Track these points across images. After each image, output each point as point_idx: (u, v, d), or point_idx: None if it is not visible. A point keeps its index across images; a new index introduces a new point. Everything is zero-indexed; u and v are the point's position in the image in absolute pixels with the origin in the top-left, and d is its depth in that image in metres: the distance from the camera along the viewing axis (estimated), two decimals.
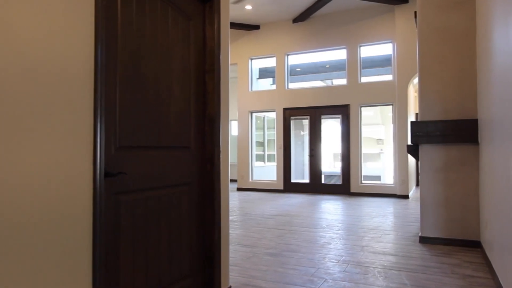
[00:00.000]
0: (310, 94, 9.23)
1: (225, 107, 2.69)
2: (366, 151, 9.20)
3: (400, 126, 8.20)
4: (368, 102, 8.67)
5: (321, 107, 9.09)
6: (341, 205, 7.30)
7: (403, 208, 6.80)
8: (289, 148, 9.42)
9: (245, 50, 9.97)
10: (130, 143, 1.95)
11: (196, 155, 2.50)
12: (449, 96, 4.18)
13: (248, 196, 8.65)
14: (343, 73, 9.20)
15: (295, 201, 7.86)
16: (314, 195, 8.79)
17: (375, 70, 9.32)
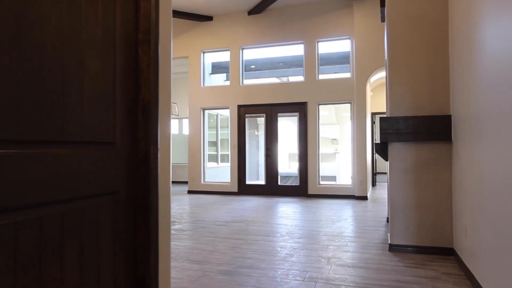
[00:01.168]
0: (266, 90, 8.74)
1: (165, 92, 2.06)
2: (322, 151, 8.88)
3: (358, 124, 7.94)
4: (326, 100, 8.33)
5: (278, 105, 8.63)
6: (300, 208, 6.86)
7: (363, 211, 6.48)
8: (244, 147, 8.86)
9: (197, 43, 9.27)
10: (9, 135, 1.26)
11: (123, 155, 1.84)
12: (421, 90, 3.82)
13: (200, 200, 7.97)
14: (300, 69, 8.81)
15: (250, 204, 7.31)
16: (271, 197, 8.31)
17: (333, 68, 9.03)
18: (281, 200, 7.82)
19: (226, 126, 9.76)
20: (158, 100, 1.99)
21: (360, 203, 7.39)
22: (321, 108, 8.54)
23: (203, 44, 9.25)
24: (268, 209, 6.77)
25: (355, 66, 7.96)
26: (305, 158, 8.37)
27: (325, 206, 6.96)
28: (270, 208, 6.84)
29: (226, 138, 9.81)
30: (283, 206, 7.13)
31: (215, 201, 7.73)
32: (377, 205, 7.17)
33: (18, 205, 1.31)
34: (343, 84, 8.21)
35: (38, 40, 1.41)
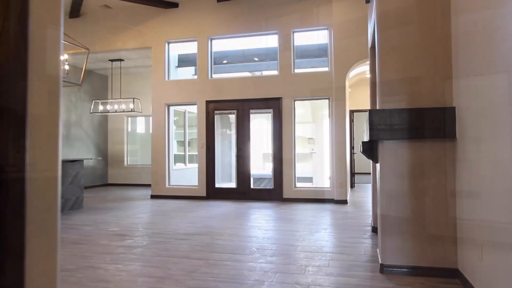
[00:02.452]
0: (237, 84, 7.97)
1: (44, 99, 1.25)
2: (298, 151, 8.19)
3: (337, 122, 7.30)
4: (302, 95, 7.64)
5: (250, 100, 7.87)
6: (274, 215, 6.13)
7: (344, 217, 5.82)
8: (213, 147, 8.06)
9: (161, 32, 8.39)
10: None
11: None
12: (418, 77, 3.15)
13: (163, 206, 7.11)
14: (274, 63, 8.08)
15: (219, 211, 6.52)
16: (243, 202, 7.54)
17: (309, 62, 8.36)
18: (253, 206, 7.07)
19: (195, 124, 8.93)
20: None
21: (340, 207, 6.73)
22: (296, 105, 7.84)
23: (168, 34, 8.37)
24: (238, 217, 6.01)
25: (334, 59, 7.32)
26: (280, 158, 7.65)
27: (302, 213, 6.26)
28: (240, 216, 6.07)
29: (195, 137, 8.97)
30: (256, 212, 6.38)
31: (180, 208, 6.89)
32: (359, 210, 6.53)
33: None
34: (320, 78, 7.54)
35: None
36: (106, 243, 4.28)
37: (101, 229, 5.05)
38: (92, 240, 4.44)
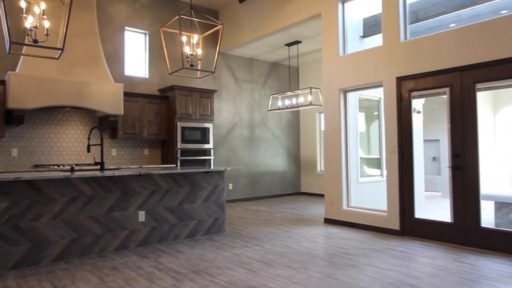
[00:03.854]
0: (451, 43, 4.59)
1: None
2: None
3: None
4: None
5: (477, 66, 4.36)
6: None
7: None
8: (411, 151, 4.97)
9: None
10: None
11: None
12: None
13: (330, 240, 4.69)
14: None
15: (425, 269, 3.56)
16: (463, 252, 4.19)
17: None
18: (488, 264, 3.67)
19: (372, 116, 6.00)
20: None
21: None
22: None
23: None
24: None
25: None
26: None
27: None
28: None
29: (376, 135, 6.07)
30: (499, 284, 3.09)
31: (355, 249, 4.31)
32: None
33: None
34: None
35: None
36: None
37: (216, 277, 3.22)
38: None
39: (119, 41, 7.16)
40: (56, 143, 6.42)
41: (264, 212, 7.11)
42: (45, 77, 5.65)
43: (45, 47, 3.81)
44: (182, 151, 7.16)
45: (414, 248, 4.33)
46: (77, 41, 6.22)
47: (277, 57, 9.11)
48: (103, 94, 6.14)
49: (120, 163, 7.07)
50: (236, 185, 8.71)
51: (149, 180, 4.63)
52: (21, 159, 6.09)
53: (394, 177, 5.07)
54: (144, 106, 7.04)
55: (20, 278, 3.42)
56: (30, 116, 6.18)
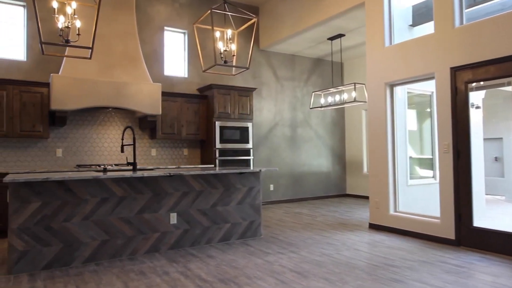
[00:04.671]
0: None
1: None
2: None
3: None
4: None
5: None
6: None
7: None
8: (468, 151, 4.39)
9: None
10: None
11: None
12: None
13: (375, 249, 4.27)
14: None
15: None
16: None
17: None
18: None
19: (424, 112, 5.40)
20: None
21: None
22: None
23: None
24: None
25: None
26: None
27: None
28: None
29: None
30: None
31: (401, 260, 3.87)
32: None
33: None
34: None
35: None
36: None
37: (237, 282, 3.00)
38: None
39: (158, 41, 7.16)
40: (98, 144, 6.53)
41: (305, 215, 6.76)
42: (85, 78, 5.74)
43: (75, 46, 3.77)
44: (220, 151, 7.01)
45: (472, 262, 3.79)
46: (116, 42, 6.27)
47: (320, 53, 8.70)
48: (141, 94, 6.14)
49: (160, 163, 7.07)
50: (277, 186, 8.42)
51: (181, 181, 4.49)
52: (66, 159, 6.25)
53: (448, 179, 4.51)
54: (182, 105, 6.98)
55: (48, 279, 3.40)
56: (73, 117, 6.33)
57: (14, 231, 3.59)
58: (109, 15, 6.29)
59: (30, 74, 6.06)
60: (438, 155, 4.66)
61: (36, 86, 5.77)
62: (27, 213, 3.65)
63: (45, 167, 6.08)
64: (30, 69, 6.07)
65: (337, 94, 7.64)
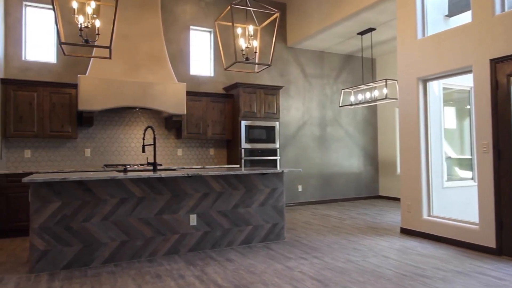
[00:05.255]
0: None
1: None
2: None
3: None
4: None
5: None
6: None
7: None
8: (509, 150, 3.99)
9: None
10: None
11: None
12: None
13: (405, 257, 3.98)
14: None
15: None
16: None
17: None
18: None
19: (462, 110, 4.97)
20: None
21: None
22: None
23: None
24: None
25: None
26: None
27: None
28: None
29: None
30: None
31: (435, 268, 3.57)
32: None
33: None
34: None
35: None
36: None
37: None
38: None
39: (184, 40, 7.14)
40: (125, 144, 6.59)
41: (333, 217, 6.50)
42: (111, 79, 5.79)
43: (94, 46, 3.76)
44: (246, 151, 6.89)
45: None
46: (142, 43, 6.29)
47: (350, 49, 8.37)
48: (166, 94, 6.12)
49: (185, 163, 7.05)
50: (306, 187, 8.19)
51: (201, 182, 4.39)
52: (94, 159, 6.35)
53: (487, 182, 4.13)
54: (208, 105, 6.91)
55: (66, 279, 3.39)
56: (100, 118, 6.42)
57: (35, 231, 3.63)
58: (134, 15, 6.32)
59: (60, 75, 6.20)
60: (477, 155, 4.28)
61: (65, 87, 5.89)
62: (47, 213, 3.68)
63: (74, 167, 6.20)
64: (60, 71, 6.21)
65: (367, 91, 7.30)
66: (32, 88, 5.71)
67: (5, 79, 5.55)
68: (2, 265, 3.90)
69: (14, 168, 5.84)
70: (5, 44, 5.86)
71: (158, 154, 6.82)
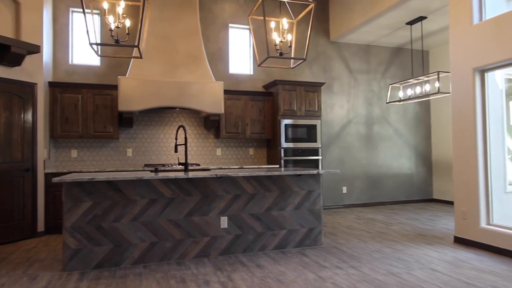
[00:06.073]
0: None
1: None
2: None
3: None
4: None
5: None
6: None
7: None
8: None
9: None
10: None
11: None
12: None
13: (460, 271, 3.53)
14: None
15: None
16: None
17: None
18: None
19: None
20: None
21: None
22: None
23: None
24: None
25: None
26: None
27: None
28: None
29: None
30: None
31: (493, 287, 3.12)
32: None
33: None
34: None
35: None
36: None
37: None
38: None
39: (223, 39, 7.05)
40: (165, 143, 6.63)
41: (379, 222, 6.05)
42: (149, 79, 5.83)
43: (123, 45, 3.73)
44: (286, 151, 6.64)
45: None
46: (180, 42, 6.28)
47: (399, 41, 7.79)
48: (203, 93, 6.05)
49: (224, 163, 6.95)
50: (351, 189, 7.76)
51: (232, 183, 4.23)
52: (135, 158, 6.45)
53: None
54: (247, 103, 6.76)
55: (94, 280, 3.39)
56: (141, 118, 6.51)
57: (67, 230, 3.67)
58: (173, 16, 6.33)
59: (103, 77, 6.36)
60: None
61: (107, 89, 6.03)
62: (79, 212, 3.71)
63: (117, 166, 6.34)
64: (103, 73, 6.38)
65: (418, 86, 6.72)
66: (76, 90, 5.90)
67: (52, 82, 5.78)
68: (41, 261, 4.01)
69: (62, 167, 6.09)
70: (53, 49, 6.12)
71: (197, 154, 6.78)
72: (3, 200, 4.95)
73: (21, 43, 4.94)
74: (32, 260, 4.08)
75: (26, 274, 3.60)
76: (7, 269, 3.77)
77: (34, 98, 5.37)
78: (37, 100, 5.39)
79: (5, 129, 5.01)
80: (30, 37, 5.32)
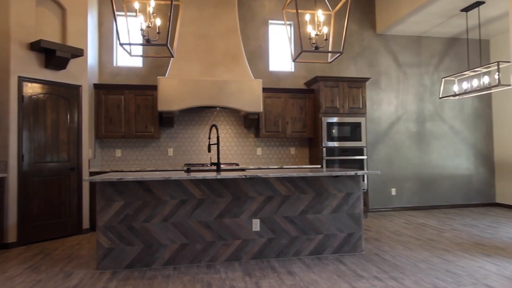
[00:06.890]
0: None
1: None
2: None
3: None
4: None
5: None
6: None
7: None
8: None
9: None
10: None
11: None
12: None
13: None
14: None
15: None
16: None
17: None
18: None
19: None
20: None
21: None
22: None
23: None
24: None
25: None
26: None
27: None
28: None
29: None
30: None
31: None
32: None
33: None
34: None
35: None
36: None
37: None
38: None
39: (263, 36, 6.90)
40: (206, 143, 6.61)
41: (430, 228, 5.56)
42: (188, 79, 5.83)
43: (153, 44, 3.71)
44: (329, 150, 6.34)
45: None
46: (219, 41, 6.23)
47: (453, 30, 7.14)
48: (241, 92, 5.95)
49: (264, 163, 6.80)
50: (401, 191, 7.25)
51: (264, 184, 4.06)
52: (176, 158, 6.51)
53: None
54: (287, 101, 6.55)
55: (123, 280, 3.39)
56: (182, 118, 6.55)
57: (100, 229, 3.72)
58: (211, 14, 6.28)
59: (145, 78, 6.49)
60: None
61: (148, 89, 6.13)
62: (111, 211, 3.74)
63: (158, 166, 6.44)
64: (145, 74, 6.50)
65: (475, 79, 6.09)
66: (119, 91, 6.06)
67: (97, 84, 5.99)
68: (80, 258, 4.13)
69: (107, 166, 6.29)
70: (99, 52, 6.34)
71: (237, 153, 6.70)
72: (51, 198, 5.19)
73: (65, 47, 5.14)
74: (72, 257, 4.21)
75: (62, 271, 3.69)
76: (48, 265, 3.91)
77: (79, 100, 5.57)
78: (82, 102, 5.60)
79: (52, 130, 5.24)
80: (75, 41, 5.54)
